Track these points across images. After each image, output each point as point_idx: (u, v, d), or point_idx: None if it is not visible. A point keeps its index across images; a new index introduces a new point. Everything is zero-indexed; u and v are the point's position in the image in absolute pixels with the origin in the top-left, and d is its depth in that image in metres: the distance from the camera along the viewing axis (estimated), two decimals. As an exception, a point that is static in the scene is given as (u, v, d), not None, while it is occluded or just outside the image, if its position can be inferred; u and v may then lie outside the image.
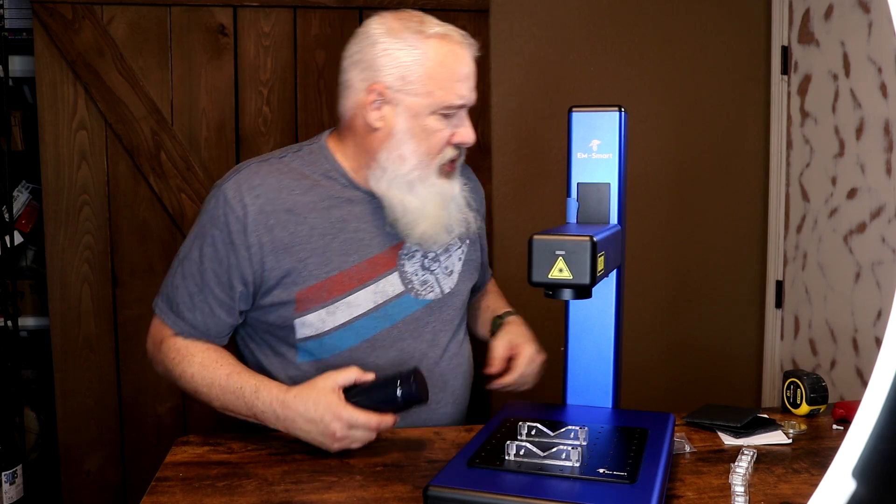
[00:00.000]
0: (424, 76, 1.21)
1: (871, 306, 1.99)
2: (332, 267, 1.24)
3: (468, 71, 1.24)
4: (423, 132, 1.23)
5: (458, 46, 1.24)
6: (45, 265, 2.08)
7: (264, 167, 1.26)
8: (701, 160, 2.42)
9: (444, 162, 1.26)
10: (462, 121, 1.26)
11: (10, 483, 2.01)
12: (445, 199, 1.27)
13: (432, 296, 1.33)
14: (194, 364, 1.23)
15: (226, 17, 2.09)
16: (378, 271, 1.27)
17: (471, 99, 1.26)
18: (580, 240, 0.91)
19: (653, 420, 1.11)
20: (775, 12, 2.38)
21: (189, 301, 1.25)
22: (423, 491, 0.89)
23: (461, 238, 1.38)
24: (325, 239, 1.24)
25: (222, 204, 1.22)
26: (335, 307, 1.24)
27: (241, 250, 1.21)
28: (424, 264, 1.32)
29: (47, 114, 2.03)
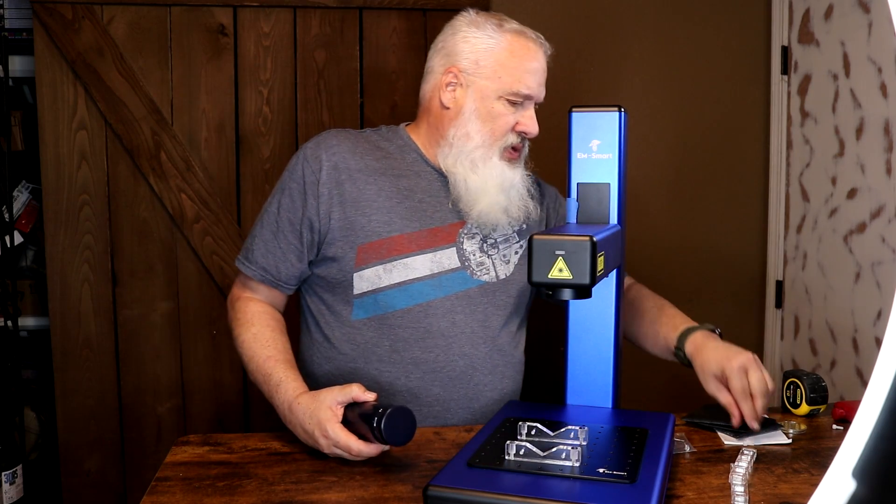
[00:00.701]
0: (496, 62, 1.33)
1: (871, 306, 1.99)
2: (395, 228, 1.33)
3: (538, 66, 1.35)
4: (489, 114, 1.33)
5: (531, 42, 1.36)
6: (45, 265, 2.08)
7: (343, 133, 1.40)
8: (701, 160, 2.42)
9: (506, 146, 1.35)
10: (528, 112, 1.35)
11: (10, 483, 2.01)
12: (505, 183, 1.34)
13: (487, 278, 1.37)
14: (249, 333, 1.32)
15: (226, 17, 2.09)
16: (437, 242, 1.34)
17: (538, 93, 1.36)
18: (580, 240, 0.91)
19: (653, 420, 1.11)
20: (775, 12, 2.37)
21: (264, 247, 1.37)
22: (423, 491, 0.89)
23: (520, 234, 1.43)
24: (391, 201, 1.34)
25: (301, 160, 1.36)
26: (392, 265, 1.31)
27: (311, 199, 1.33)
28: (483, 247, 1.38)
29: (47, 114, 2.03)
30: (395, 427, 1.05)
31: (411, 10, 2.15)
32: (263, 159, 2.12)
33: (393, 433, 1.05)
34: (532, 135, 1.37)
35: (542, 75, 1.37)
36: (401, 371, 1.32)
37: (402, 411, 1.06)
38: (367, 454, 1.09)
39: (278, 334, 1.33)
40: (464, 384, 1.34)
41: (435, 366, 1.32)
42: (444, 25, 1.48)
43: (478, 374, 1.34)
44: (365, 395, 1.12)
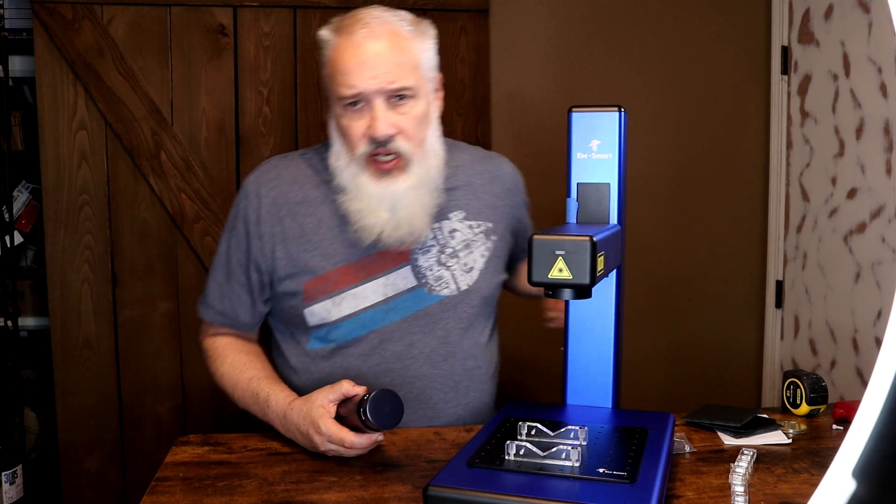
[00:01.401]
0: (329, 70, 1.25)
1: (871, 306, 1.99)
2: (339, 259, 1.28)
3: (358, 61, 1.19)
4: (339, 127, 1.25)
5: (354, 37, 1.20)
6: (45, 265, 2.08)
7: (283, 162, 1.35)
8: (701, 160, 2.42)
9: (363, 157, 1.22)
10: (373, 113, 1.20)
11: (10, 483, 2.01)
12: (383, 200, 1.23)
13: (447, 292, 1.32)
14: (225, 365, 1.31)
15: (226, 17, 2.09)
16: (389, 264, 1.29)
17: (370, 87, 1.19)
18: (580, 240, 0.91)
19: (653, 420, 1.11)
20: (775, 12, 2.37)
21: (218, 290, 1.34)
22: (423, 491, 0.89)
23: (487, 234, 1.37)
24: (333, 231, 1.28)
25: (243, 197, 1.32)
26: (341, 298, 1.28)
27: (255, 239, 1.29)
28: (441, 259, 1.32)
29: (47, 114, 2.03)
30: (381, 411, 1.05)
31: (411, 10, 2.14)
32: (263, 159, 2.11)
33: (380, 417, 1.05)
34: (379, 135, 1.20)
35: (371, 66, 1.18)
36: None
37: (387, 394, 1.06)
38: (360, 445, 1.08)
39: (254, 357, 1.32)
40: (422, 405, 1.31)
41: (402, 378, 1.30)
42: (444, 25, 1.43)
43: (437, 394, 1.31)
44: (355, 388, 1.11)
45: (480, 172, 1.40)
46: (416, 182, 1.25)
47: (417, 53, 1.23)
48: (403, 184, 1.24)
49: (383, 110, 1.20)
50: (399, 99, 1.21)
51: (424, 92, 1.25)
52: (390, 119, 1.20)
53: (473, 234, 1.35)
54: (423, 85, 1.24)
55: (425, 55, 1.25)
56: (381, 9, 1.25)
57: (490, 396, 1.42)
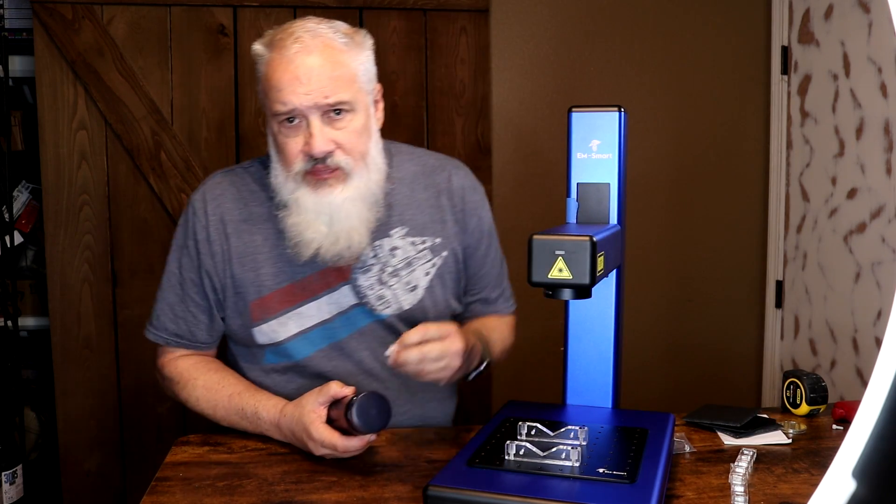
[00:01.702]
0: (263, 87, 1.21)
1: (871, 306, 1.99)
2: (283, 278, 1.26)
3: (291, 77, 1.15)
4: (277, 144, 1.21)
5: (287, 51, 1.16)
6: (45, 265, 2.08)
7: (228, 177, 1.31)
8: (701, 160, 2.42)
9: (299, 172, 1.19)
10: (309, 130, 1.17)
11: (10, 483, 2.01)
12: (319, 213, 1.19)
13: (389, 311, 1.28)
14: (198, 388, 1.26)
15: (226, 17, 2.09)
16: (330, 283, 1.26)
17: (304, 102, 1.15)
18: (580, 240, 0.91)
19: (653, 420, 1.11)
20: (775, 12, 2.37)
21: (171, 313, 1.30)
22: (423, 491, 0.89)
23: (433, 250, 1.31)
24: (277, 250, 1.25)
25: (191, 215, 1.29)
26: (286, 318, 1.26)
27: (207, 258, 1.27)
28: (382, 278, 1.28)
29: (47, 114, 2.03)
30: (368, 414, 1.05)
31: (411, 10, 2.15)
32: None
33: (367, 421, 1.05)
34: (316, 152, 1.16)
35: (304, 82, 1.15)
36: None
37: (373, 397, 1.06)
38: (353, 448, 1.08)
39: (225, 373, 1.28)
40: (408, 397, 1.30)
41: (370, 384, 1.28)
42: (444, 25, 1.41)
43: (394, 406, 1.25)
44: (343, 389, 1.10)
45: (427, 186, 1.34)
46: (355, 194, 1.21)
47: (353, 66, 1.19)
48: (341, 195, 1.20)
49: (319, 126, 1.16)
50: (336, 113, 1.18)
51: (363, 105, 1.21)
52: (327, 135, 1.17)
53: (416, 251, 1.30)
54: (360, 98, 1.20)
55: (362, 67, 1.21)
56: (314, 20, 1.20)
57: (450, 405, 1.40)
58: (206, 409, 1.25)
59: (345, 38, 1.19)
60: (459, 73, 2.21)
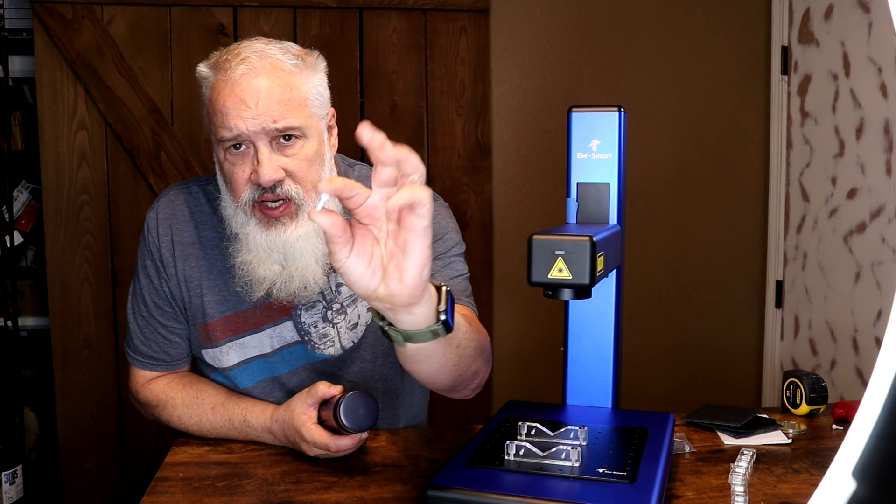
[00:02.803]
0: (206, 114, 1.13)
1: (871, 306, 1.99)
2: (228, 307, 1.22)
3: (236, 101, 1.07)
4: (223, 173, 1.14)
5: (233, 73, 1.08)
6: (45, 265, 2.08)
7: (181, 196, 1.25)
8: (701, 160, 2.42)
9: (246, 203, 1.11)
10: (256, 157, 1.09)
11: (10, 483, 2.01)
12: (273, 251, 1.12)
13: (332, 351, 1.23)
14: (178, 407, 1.23)
15: (226, 17, 2.09)
16: (274, 316, 1.22)
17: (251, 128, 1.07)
18: (580, 240, 0.91)
19: (653, 420, 1.11)
20: (775, 12, 2.37)
21: (141, 334, 1.26)
22: (422, 491, 0.89)
23: None
24: (223, 278, 1.21)
25: (146, 234, 1.25)
26: (228, 347, 1.23)
27: (164, 278, 1.23)
28: (327, 316, 1.22)
29: (47, 114, 2.03)
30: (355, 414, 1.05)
31: (411, 10, 2.15)
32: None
33: (355, 420, 1.05)
34: (264, 181, 1.08)
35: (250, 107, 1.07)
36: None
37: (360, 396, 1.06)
38: (344, 447, 1.08)
39: (202, 385, 1.24)
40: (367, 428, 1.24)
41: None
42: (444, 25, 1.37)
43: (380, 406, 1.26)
44: (331, 390, 1.09)
45: None
46: (309, 230, 1.13)
47: (304, 89, 1.11)
48: (294, 232, 1.12)
49: (268, 153, 1.08)
50: (286, 139, 1.10)
51: (315, 130, 1.13)
52: (276, 162, 1.09)
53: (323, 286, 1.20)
54: (312, 123, 1.12)
55: (314, 90, 1.13)
56: (263, 41, 1.13)
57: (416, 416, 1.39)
58: (190, 426, 1.22)
59: (295, 60, 1.12)
60: (459, 73, 2.21)
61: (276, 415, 1.15)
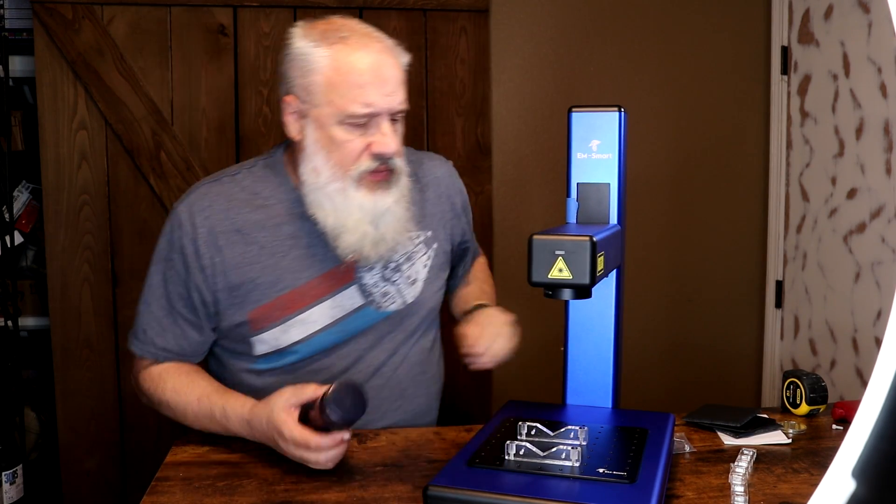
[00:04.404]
0: (324, 84, 1.15)
1: (870, 306, 1.99)
2: (284, 285, 1.22)
3: (374, 77, 1.14)
4: (332, 143, 1.17)
5: (360, 51, 1.14)
6: (45, 265, 2.08)
7: (215, 188, 1.25)
8: (701, 160, 2.42)
9: (360, 173, 1.17)
10: (380, 129, 1.16)
11: (10, 483, 2.01)
12: (370, 214, 1.19)
13: (394, 307, 1.29)
14: (167, 391, 1.23)
15: (226, 17, 2.09)
16: (335, 285, 1.25)
17: (385, 105, 1.15)
18: (580, 240, 0.91)
19: (653, 420, 1.11)
20: (775, 12, 2.38)
21: (158, 326, 1.25)
22: (422, 491, 0.89)
23: (427, 242, 1.34)
24: (275, 257, 1.22)
25: (176, 228, 1.23)
26: (289, 325, 1.23)
27: (196, 272, 1.22)
28: (385, 275, 1.28)
29: (47, 114, 2.03)
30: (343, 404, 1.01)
31: (411, 10, 2.15)
32: (263, 159, 2.12)
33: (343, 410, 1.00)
34: (389, 154, 1.17)
35: (385, 84, 1.15)
36: None
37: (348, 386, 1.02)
38: (326, 445, 1.03)
39: (195, 375, 1.24)
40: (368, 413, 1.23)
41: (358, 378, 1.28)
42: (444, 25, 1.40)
43: (385, 403, 1.30)
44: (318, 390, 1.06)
45: (414, 180, 1.34)
46: (399, 197, 1.22)
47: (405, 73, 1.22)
48: (390, 198, 1.21)
49: (389, 128, 1.17)
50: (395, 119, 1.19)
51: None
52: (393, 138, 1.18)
53: (414, 245, 1.32)
54: None
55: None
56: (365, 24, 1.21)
57: (435, 398, 1.42)
58: (177, 413, 1.22)
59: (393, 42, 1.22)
60: (459, 73, 2.21)
61: (256, 410, 1.12)
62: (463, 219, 1.45)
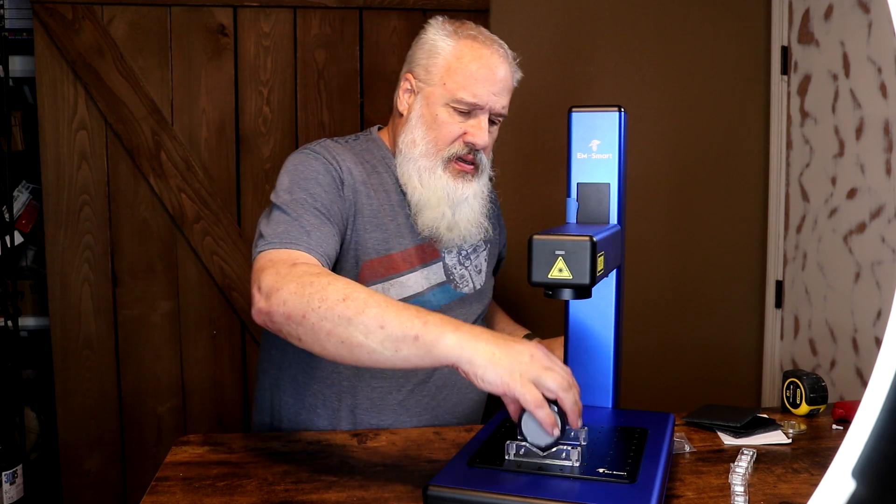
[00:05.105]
0: (443, 68, 1.29)
1: (870, 306, 1.99)
2: (390, 246, 1.31)
3: (488, 74, 1.28)
4: (434, 121, 1.29)
5: (484, 48, 1.29)
6: (45, 265, 2.08)
7: (339, 145, 1.34)
8: (701, 160, 2.42)
9: (450, 156, 1.30)
10: (479, 122, 1.29)
11: (10, 483, 2.01)
12: (450, 198, 1.30)
13: (467, 290, 1.40)
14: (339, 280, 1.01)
15: (226, 17, 2.09)
16: (426, 258, 1.35)
17: (490, 102, 1.29)
18: (580, 240, 0.91)
19: (653, 420, 1.11)
20: (775, 12, 2.37)
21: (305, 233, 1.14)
22: (423, 491, 0.89)
23: (485, 241, 1.44)
24: (386, 218, 1.32)
25: (322, 157, 1.26)
26: (391, 284, 1.30)
27: (341, 197, 1.25)
28: (460, 260, 1.40)
29: (47, 114, 2.03)
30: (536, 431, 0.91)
31: (411, 10, 2.15)
32: (263, 159, 2.12)
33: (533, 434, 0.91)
34: (480, 146, 1.30)
35: (495, 84, 1.29)
36: (392, 385, 1.32)
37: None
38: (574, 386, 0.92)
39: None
40: (449, 391, 1.36)
41: (425, 377, 1.34)
42: None
43: (461, 380, 1.35)
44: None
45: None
46: (479, 191, 1.34)
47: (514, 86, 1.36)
48: (471, 189, 1.32)
49: (486, 123, 1.30)
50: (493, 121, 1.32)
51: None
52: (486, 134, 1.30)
53: (477, 239, 1.41)
54: None
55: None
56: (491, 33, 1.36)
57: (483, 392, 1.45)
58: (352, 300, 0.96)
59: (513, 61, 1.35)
60: (459, 73, 2.20)
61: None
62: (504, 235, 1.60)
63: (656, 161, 2.38)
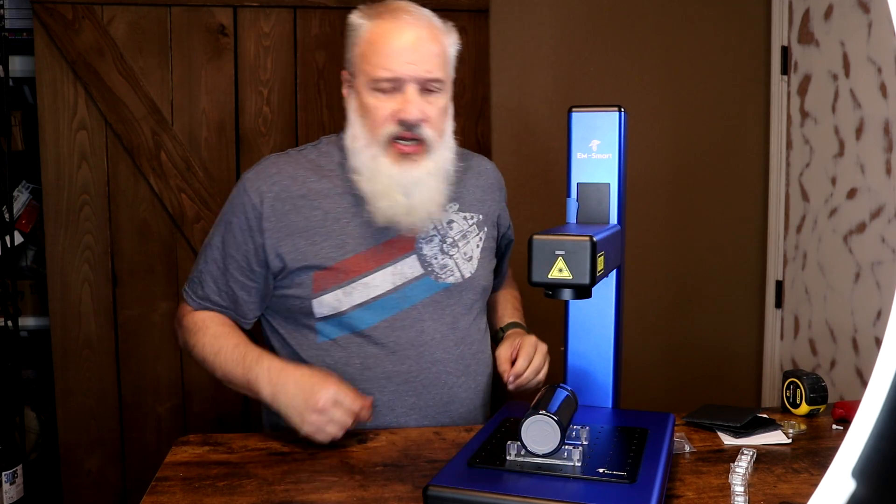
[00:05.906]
0: (359, 54, 1.27)
1: (870, 306, 1.99)
2: (348, 250, 1.29)
3: (398, 44, 1.23)
4: (364, 109, 1.27)
5: (391, 23, 1.25)
6: (45, 265, 2.08)
7: (282, 159, 1.35)
8: (701, 160, 2.42)
9: (387, 137, 1.25)
10: (405, 96, 1.24)
11: (10, 483, 2.01)
12: (399, 183, 1.26)
13: (452, 280, 1.35)
14: (208, 335, 1.30)
15: (226, 17, 2.09)
16: (396, 253, 1.31)
17: (408, 71, 1.23)
18: (580, 240, 0.91)
19: (653, 420, 1.11)
20: (775, 12, 2.38)
21: (213, 285, 1.33)
22: (423, 491, 0.89)
23: (479, 225, 1.41)
24: (339, 223, 1.30)
25: (242, 193, 1.31)
26: (352, 287, 1.29)
27: (256, 235, 1.29)
28: (443, 249, 1.35)
29: (47, 114, 2.03)
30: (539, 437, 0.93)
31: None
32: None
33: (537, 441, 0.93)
34: (413, 119, 1.24)
35: (409, 52, 1.23)
36: (374, 386, 1.30)
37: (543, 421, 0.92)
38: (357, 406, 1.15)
39: (238, 330, 1.33)
40: (437, 389, 1.33)
41: (408, 377, 1.31)
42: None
43: (451, 378, 1.34)
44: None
45: (465, 168, 1.43)
46: (434, 169, 1.28)
47: (448, 49, 1.30)
48: (422, 170, 1.27)
49: (415, 95, 1.24)
50: (429, 89, 1.26)
51: (448, 86, 1.31)
52: (420, 105, 1.24)
53: (468, 225, 1.39)
54: (448, 80, 1.30)
55: (452, 52, 1.32)
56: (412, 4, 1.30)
57: (491, 381, 1.45)
58: (209, 354, 1.28)
59: (441, 23, 1.31)
60: (459, 73, 2.19)
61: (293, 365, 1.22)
62: (507, 212, 1.54)
63: (656, 161, 2.38)
